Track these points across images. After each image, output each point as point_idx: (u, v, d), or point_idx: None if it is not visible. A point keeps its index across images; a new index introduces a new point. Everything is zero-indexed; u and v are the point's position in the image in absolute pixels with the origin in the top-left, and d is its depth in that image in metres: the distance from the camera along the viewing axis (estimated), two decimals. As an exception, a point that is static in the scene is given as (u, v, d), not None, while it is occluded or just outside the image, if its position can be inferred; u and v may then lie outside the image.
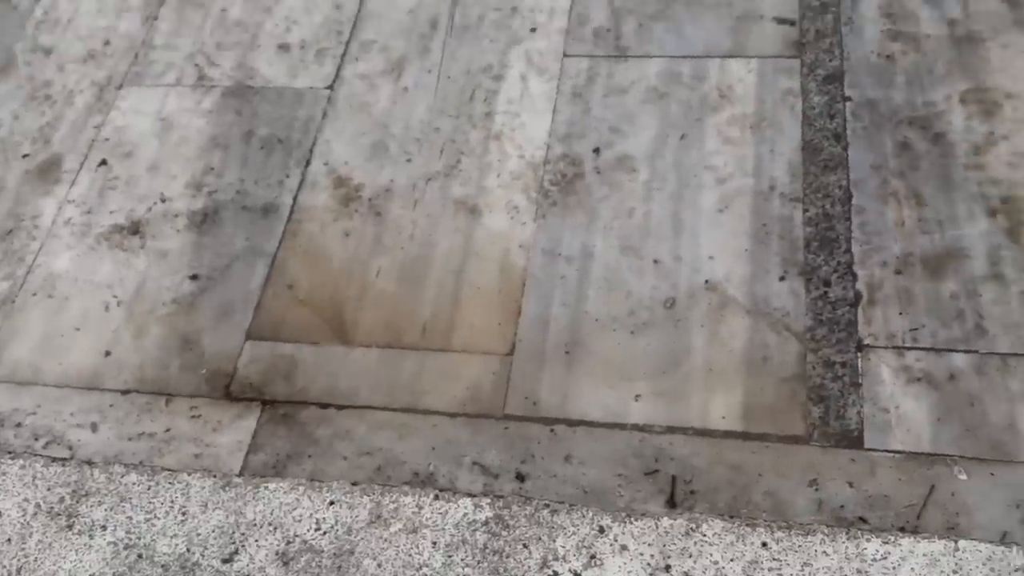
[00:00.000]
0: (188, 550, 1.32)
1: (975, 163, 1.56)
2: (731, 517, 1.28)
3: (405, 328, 1.52)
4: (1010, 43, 1.70)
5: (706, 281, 1.51)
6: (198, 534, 1.33)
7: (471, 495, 1.33)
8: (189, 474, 1.39)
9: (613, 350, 1.46)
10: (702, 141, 1.67)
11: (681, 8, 1.85)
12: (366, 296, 1.56)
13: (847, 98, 1.68)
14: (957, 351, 1.39)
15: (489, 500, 1.32)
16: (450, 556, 1.27)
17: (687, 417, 1.38)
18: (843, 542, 1.23)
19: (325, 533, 1.31)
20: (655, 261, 1.54)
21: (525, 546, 1.27)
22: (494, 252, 1.59)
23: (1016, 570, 1.19)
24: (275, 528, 1.32)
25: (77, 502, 1.39)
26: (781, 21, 1.80)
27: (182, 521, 1.35)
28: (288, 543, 1.31)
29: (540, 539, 1.28)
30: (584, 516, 1.29)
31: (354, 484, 1.36)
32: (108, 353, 1.56)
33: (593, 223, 1.60)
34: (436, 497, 1.33)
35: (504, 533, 1.29)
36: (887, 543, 1.23)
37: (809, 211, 1.56)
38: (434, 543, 1.28)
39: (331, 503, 1.34)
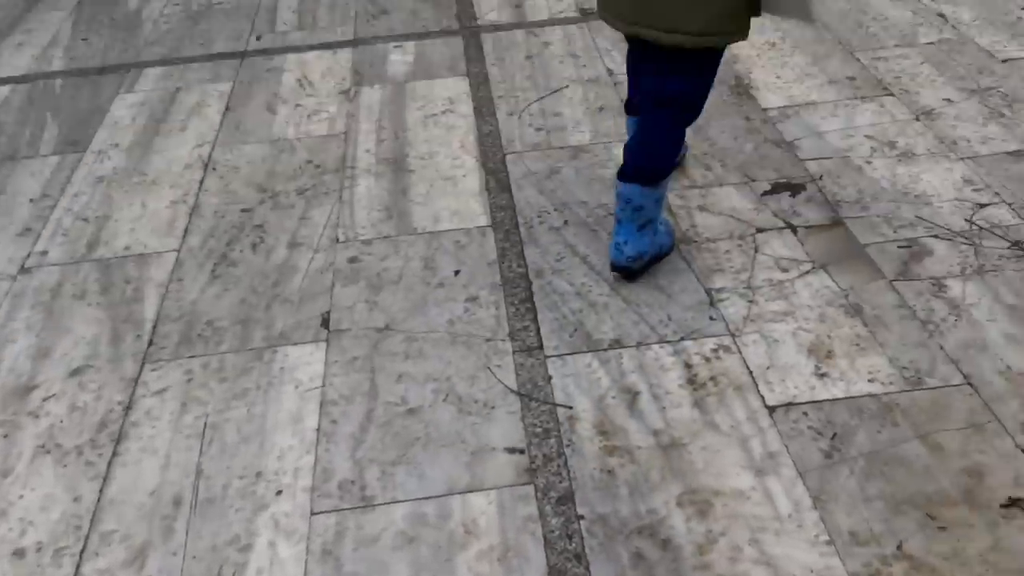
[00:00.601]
0: None
1: (701, 563, 1.69)
2: None
3: None
4: (707, 445, 1.93)
5: None
6: None
7: None
8: None
9: None
10: (456, 580, 1.71)
11: (420, 450, 1.98)
12: None
13: (580, 516, 1.80)
14: None
15: None
16: None
17: None
18: None
19: None
20: None
21: None
22: None
23: None
24: None
25: None
26: (511, 451, 1.96)
27: None
28: None
29: None
30: None
31: None
32: None
33: None
34: None
35: None
36: None
37: (565, 637, 1.60)
38: None
39: None
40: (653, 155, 2.30)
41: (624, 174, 2.29)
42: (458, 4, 4.13)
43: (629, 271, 2.38)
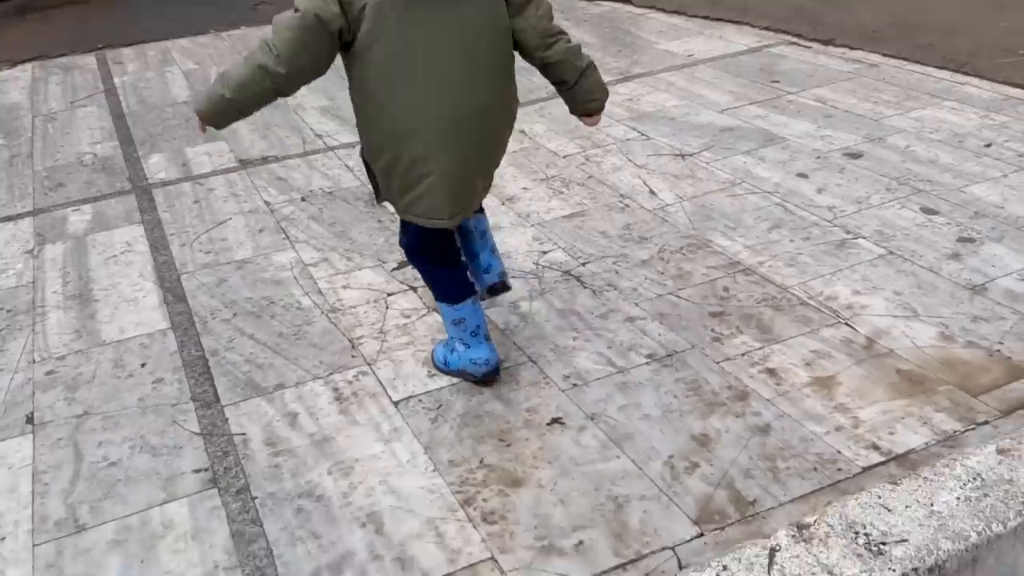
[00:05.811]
0: None
1: (346, 502, 2.30)
2: None
3: None
4: (350, 434, 2.57)
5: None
6: None
7: None
8: None
9: None
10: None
11: (122, 487, 2.45)
12: None
13: (255, 497, 2.36)
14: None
15: None
16: None
17: None
18: None
19: None
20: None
21: None
22: None
23: None
24: None
25: None
26: (198, 471, 2.49)
27: None
28: None
29: None
30: None
31: None
32: None
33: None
34: None
35: None
36: None
37: None
38: None
39: None
40: None
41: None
42: (129, 169, 4.71)
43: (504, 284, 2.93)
